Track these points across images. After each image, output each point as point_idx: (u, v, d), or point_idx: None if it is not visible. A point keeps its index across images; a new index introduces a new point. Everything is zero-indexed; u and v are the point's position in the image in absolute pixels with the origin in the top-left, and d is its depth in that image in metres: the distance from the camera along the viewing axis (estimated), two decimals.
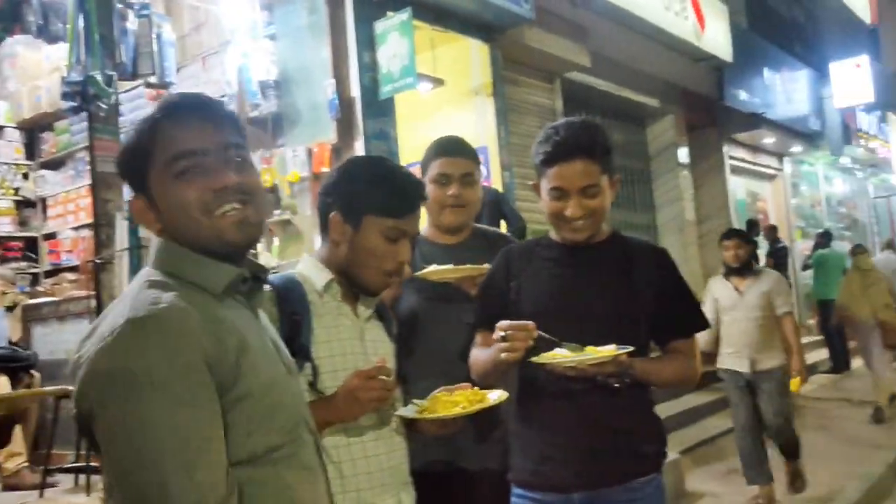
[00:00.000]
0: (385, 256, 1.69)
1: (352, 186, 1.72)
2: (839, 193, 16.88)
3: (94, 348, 1.09)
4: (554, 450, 1.92)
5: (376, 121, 5.35)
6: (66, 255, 6.92)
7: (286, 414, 1.24)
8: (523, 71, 7.27)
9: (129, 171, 1.28)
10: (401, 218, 1.69)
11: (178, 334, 1.10)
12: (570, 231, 1.94)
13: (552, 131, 1.91)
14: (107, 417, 1.07)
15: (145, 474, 1.05)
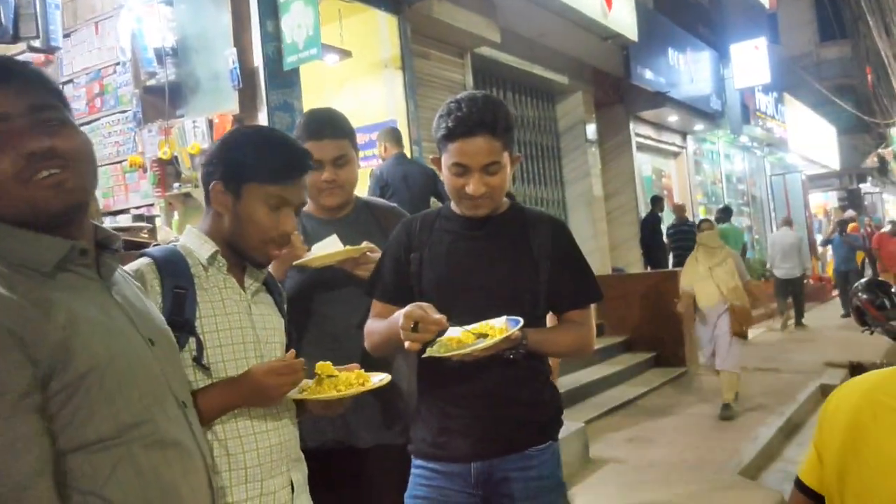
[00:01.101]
0: (268, 225, 1.64)
1: (232, 155, 1.67)
2: (739, 171, 17.58)
3: None
4: (453, 421, 1.93)
5: (280, 92, 5.21)
6: None
7: (140, 389, 1.17)
8: (433, 45, 7.23)
9: None
10: (282, 184, 1.65)
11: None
12: (470, 207, 1.93)
13: (454, 105, 1.88)
14: None
15: None
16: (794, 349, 9.80)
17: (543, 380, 2.02)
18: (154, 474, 1.15)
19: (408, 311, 1.77)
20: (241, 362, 1.60)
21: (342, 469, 2.20)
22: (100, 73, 5.77)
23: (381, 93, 6.63)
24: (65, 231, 1.18)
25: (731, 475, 4.78)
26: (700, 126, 13.71)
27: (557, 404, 2.04)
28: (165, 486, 1.17)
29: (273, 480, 1.61)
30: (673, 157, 14.06)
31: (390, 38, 6.54)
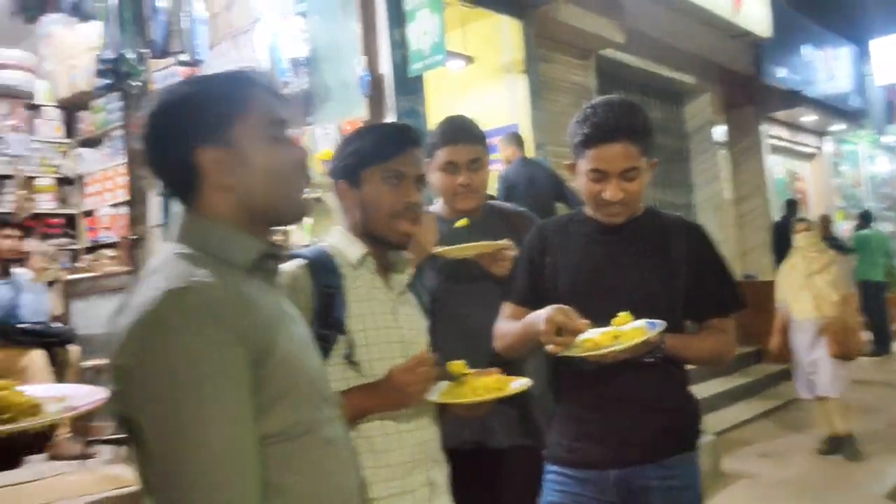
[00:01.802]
0: (390, 200, 1.70)
1: (345, 151, 1.76)
2: (884, 173, 16.46)
3: (131, 320, 1.08)
4: (590, 427, 1.91)
5: (406, 98, 5.32)
6: (103, 232, 7.04)
7: (311, 388, 1.23)
8: (556, 48, 7.18)
9: (209, 118, 1.22)
10: (392, 158, 1.71)
11: (215, 309, 1.09)
12: (607, 214, 1.92)
13: (591, 111, 1.87)
14: (141, 393, 1.06)
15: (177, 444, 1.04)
16: None
17: (682, 386, 1.98)
18: (322, 468, 1.21)
19: (550, 315, 1.74)
20: (388, 361, 1.64)
21: (478, 470, 2.22)
22: None
23: (503, 97, 6.65)
24: (263, 235, 1.28)
25: (875, 498, 4.47)
26: (839, 126, 12.94)
27: (697, 412, 1.99)
28: (331, 480, 1.22)
29: (413, 478, 1.65)
30: (808, 159, 13.34)
31: (513, 42, 6.55)
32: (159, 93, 1.28)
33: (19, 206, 6.83)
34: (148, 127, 1.23)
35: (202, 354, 1.06)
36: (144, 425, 1.05)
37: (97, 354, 4.93)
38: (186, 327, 1.06)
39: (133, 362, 1.06)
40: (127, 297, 1.16)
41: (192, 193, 1.24)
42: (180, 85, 1.28)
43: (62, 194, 7.41)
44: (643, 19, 7.74)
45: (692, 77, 9.39)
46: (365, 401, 1.58)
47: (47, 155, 7.30)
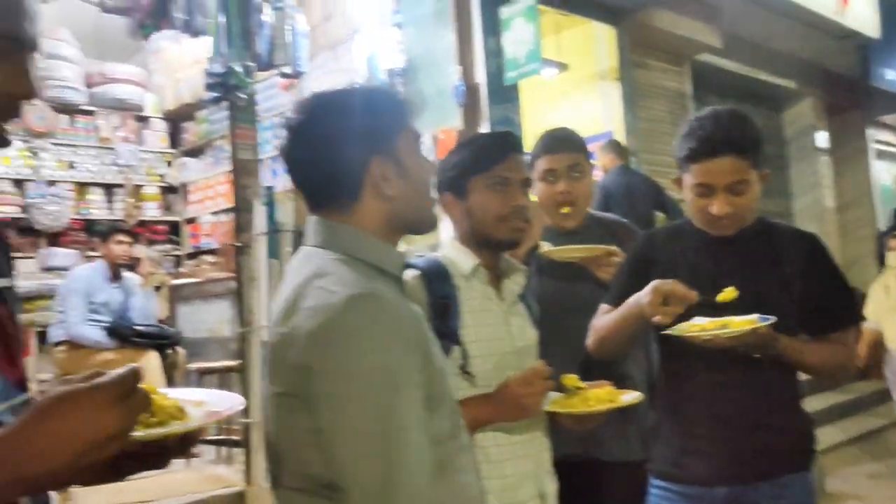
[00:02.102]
0: (497, 204, 1.71)
1: (447, 165, 1.79)
2: None
3: (314, 323, 1.10)
4: (696, 442, 1.86)
5: (501, 107, 5.33)
6: (205, 239, 7.33)
7: (451, 397, 1.27)
8: (651, 54, 7.05)
9: (385, 127, 1.28)
10: (494, 165, 1.72)
11: (396, 313, 1.13)
12: (716, 228, 1.87)
13: (696, 124, 1.83)
14: (333, 395, 1.08)
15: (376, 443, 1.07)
16: None
17: (795, 402, 1.91)
18: (462, 475, 1.23)
19: (656, 285, 1.72)
20: (502, 372, 1.65)
21: (584, 482, 2.20)
22: None
23: (597, 105, 6.58)
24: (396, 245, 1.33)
25: None
26: None
27: (811, 430, 1.92)
28: (469, 486, 1.25)
29: (524, 490, 1.66)
30: None
31: (608, 49, 6.48)
32: (325, 103, 1.30)
33: (128, 214, 7.19)
34: (318, 136, 1.26)
35: (395, 361, 1.09)
36: (338, 428, 1.07)
37: (201, 357, 5.12)
38: (377, 334, 1.09)
39: (326, 366, 1.08)
40: (284, 299, 1.19)
41: (345, 202, 1.26)
42: (348, 96, 1.31)
43: (166, 202, 7.76)
44: (741, 22, 7.51)
45: (793, 81, 9.05)
46: (480, 412, 1.59)
47: (153, 164, 7.67)
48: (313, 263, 1.22)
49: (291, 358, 1.11)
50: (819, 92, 9.56)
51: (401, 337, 1.12)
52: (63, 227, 6.75)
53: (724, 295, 1.73)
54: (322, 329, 1.09)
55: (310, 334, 1.10)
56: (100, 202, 7.22)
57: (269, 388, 1.18)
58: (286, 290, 1.22)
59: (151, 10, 4.10)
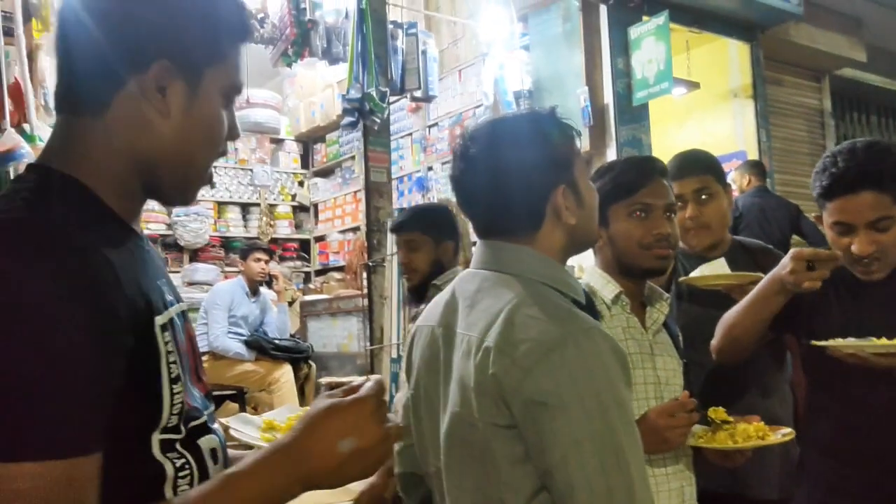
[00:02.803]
0: (639, 233, 1.67)
1: None
2: None
3: (530, 357, 1.12)
4: (845, 482, 1.76)
5: (629, 127, 5.27)
6: (333, 256, 7.58)
7: None
8: (787, 70, 6.79)
9: (566, 157, 1.29)
10: (638, 191, 1.68)
11: (610, 348, 1.16)
12: (862, 272, 1.75)
13: (830, 161, 1.72)
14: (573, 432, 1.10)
15: (615, 477, 1.10)
16: None
17: None
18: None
19: (794, 252, 1.68)
20: (643, 402, 1.62)
21: None
22: (461, 116, 6.33)
23: (729, 123, 6.39)
24: None
25: None
26: None
27: None
28: None
29: None
30: None
31: (741, 66, 6.29)
32: (502, 131, 1.31)
33: (262, 231, 7.54)
34: (497, 164, 1.26)
35: (620, 396, 1.13)
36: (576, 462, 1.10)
37: (329, 371, 5.29)
38: (605, 369, 1.13)
39: (564, 400, 1.11)
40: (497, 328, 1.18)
41: (525, 230, 1.27)
42: (525, 124, 1.31)
43: (297, 220, 8.09)
44: (887, 34, 7.11)
45: None
46: None
47: (286, 184, 8.02)
48: (511, 289, 1.21)
49: (513, 388, 1.13)
50: None
51: (617, 373, 1.15)
52: (203, 244, 7.16)
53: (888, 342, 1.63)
54: (556, 364, 1.11)
55: (538, 366, 1.11)
56: (236, 220, 7.62)
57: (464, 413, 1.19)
58: (479, 314, 1.22)
59: (295, 39, 4.31)
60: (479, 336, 1.19)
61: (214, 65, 0.92)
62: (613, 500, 1.09)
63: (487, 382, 1.15)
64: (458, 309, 1.28)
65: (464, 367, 1.20)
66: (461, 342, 1.23)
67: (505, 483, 1.16)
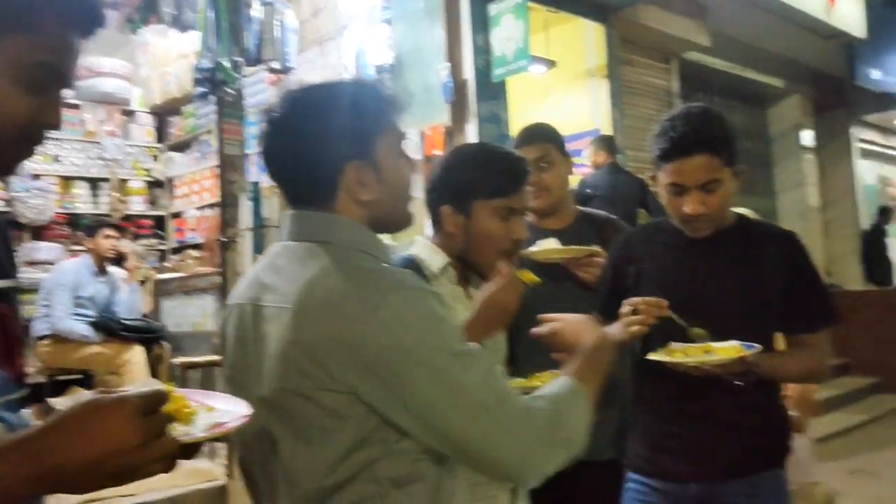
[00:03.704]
0: (500, 236, 1.71)
1: (457, 176, 1.75)
2: None
3: (360, 326, 1.08)
4: (671, 440, 1.88)
5: (488, 103, 5.34)
6: (190, 233, 7.29)
7: None
8: (639, 51, 7.08)
9: (360, 132, 1.23)
10: (509, 196, 1.71)
11: (436, 299, 1.16)
12: (691, 229, 1.88)
13: (669, 124, 1.83)
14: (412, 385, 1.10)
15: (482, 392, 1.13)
16: None
17: (772, 403, 1.93)
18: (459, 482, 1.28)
19: (627, 301, 1.78)
20: None
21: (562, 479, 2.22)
22: None
23: (585, 102, 6.60)
24: None
25: None
26: None
27: (786, 429, 1.94)
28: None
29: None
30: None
31: (596, 46, 6.50)
32: (305, 98, 1.27)
33: (113, 208, 7.14)
34: (295, 132, 1.23)
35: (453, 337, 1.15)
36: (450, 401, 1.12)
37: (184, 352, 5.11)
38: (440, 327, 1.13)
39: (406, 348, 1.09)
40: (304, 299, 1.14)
41: (323, 203, 1.25)
42: (328, 93, 1.27)
43: (152, 196, 7.71)
44: (729, 21, 7.55)
45: (780, 80, 9.12)
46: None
47: (139, 158, 7.61)
48: (320, 259, 1.18)
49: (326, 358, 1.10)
50: (805, 90, 9.64)
51: (450, 320, 1.17)
52: (47, 221, 6.69)
53: (696, 332, 1.76)
54: (375, 329, 1.09)
55: (359, 338, 1.09)
56: (85, 196, 7.16)
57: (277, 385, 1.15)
58: (288, 284, 1.18)
59: (140, 4, 4.08)
60: (288, 305, 1.15)
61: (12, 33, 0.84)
62: (490, 411, 1.12)
63: (299, 349, 1.12)
64: (266, 282, 1.24)
65: (275, 338, 1.16)
66: (270, 314, 1.20)
67: (317, 448, 1.14)
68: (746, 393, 1.81)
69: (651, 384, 1.94)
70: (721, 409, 1.83)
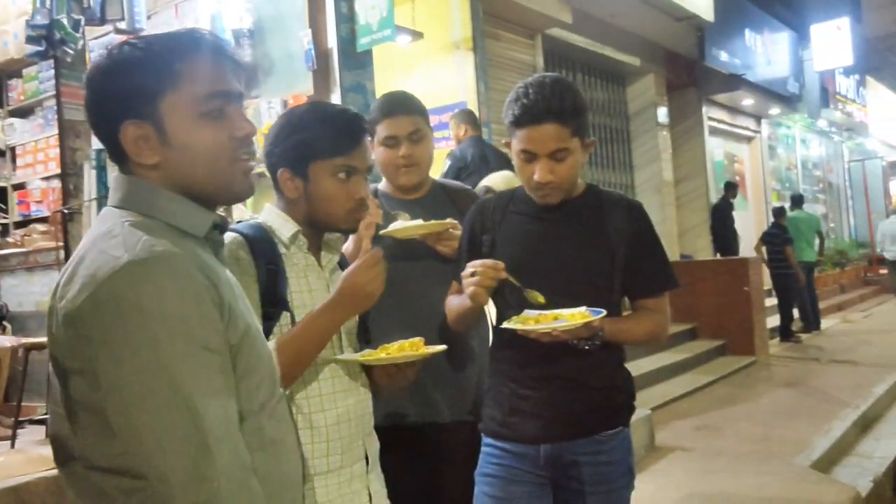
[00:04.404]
0: (342, 197, 1.68)
1: (292, 139, 1.68)
2: (815, 157, 17.01)
3: (86, 290, 1.01)
4: (523, 403, 1.93)
5: (353, 73, 5.25)
6: (35, 206, 6.79)
7: (265, 363, 1.21)
8: (504, 26, 7.18)
9: (133, 91, 1.14)
10: (346, 154, 1.67)
11: (186, 277, 1.05)
12: (540, 196, 1.92)
13: (522, 91, 1.85)
14: (108, 352, 1.01)
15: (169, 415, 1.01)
16: (873, 341, 9.46)
17: (616, 365, 2.01)
18: (278, 446, 1.20)
19: (469, 263, 1.83)
20: None
21: (421, 444, 2.25)
22: None
23: (451, 74, 6.62)
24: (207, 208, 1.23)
25: (801, 468, 4.66)
26: (776, 110, 13.29)
27: (630, 389, 2.03)
28: (286, 458, 1.22)
29: (351, 453, 1.66)
30: (746, 142, 13.67)
31: (462, 19, 6.52)
32: (99, 57, 1.19)
33: None
34: (85, 94, 1.18)
35: (180, 329, 1.02)
36: (129, 408, 1.01)
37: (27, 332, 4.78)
38: (159, 294, 1.02)
39: (107, 337, 1.01)
40: (67, 269, 1.09)
41: (121, 164, 1.19)
42: (119, 49, 1.17)
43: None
44: (590, 0, 7.78)
45: (637, 58, 9.50)
46: (323, 313, 1.57)
47: None
48: (105, 225, 1.12)
49: (68, 330, 1.04)
50: (660, 70, 10.10)
51: (188, 304, 1.04)
52: None
53: (531, 294, 1.81)
54: (98, 299, 1.01)
55: (86, 305, 1.01)
56: None
57: (51, 364, 1.10)
58: (72, 256, 1.12)
59: None
60: (60, 280, 1.10)
61: None
62: (169, 443, 1.01)
63: (58, 326, 1.07)
64: None
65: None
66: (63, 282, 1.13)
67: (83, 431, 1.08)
68: (593, 355, 1.88)
69: (505, 351, 1.98)
70: (569, 372, 1.90)
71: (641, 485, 4.24)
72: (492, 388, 2.04)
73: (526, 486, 1.94)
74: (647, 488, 4.28)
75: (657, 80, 10.04)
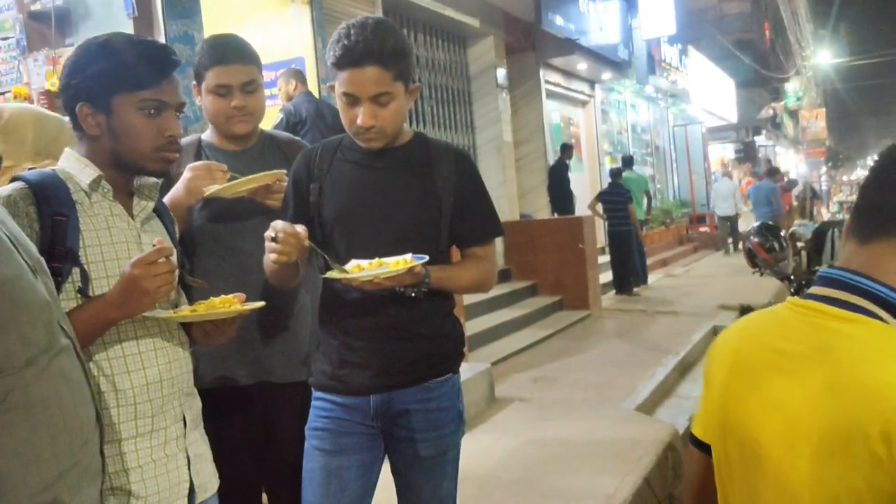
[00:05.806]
0: (151, 133, 1.56)
1: (91, 70, 1.54)
2: (644, 121, 18.00)
3: None
4: (352, 354, 1.91)
5: (179, 22, 4.94)
6: None
7: (31, 318, 1.09)
8: None
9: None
10: (153, 87, 1.55)
11: None
12: (363, 140, 1.88)
13: (344, 32, 1.79)
14: None
15: None
16: (693, 293, 10.23)
17: (445, 313, 2.01)
18: (43, 407, 1.08)
19: (272, 224, 1.73)
20: None
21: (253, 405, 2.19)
22: None
23: (287, 29, 6.39)
24: None
25: (628, 411, 4.98)
26: (608, 75, 13.89)
27: (459, 337, 2.05)
28: (62, 413, 1.11)
29: (164, 416, 1.56)
30: (581, 106, 14.23)
31: None
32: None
33: None
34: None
35: None
36: None
37: None
38: None
39: None
40: None
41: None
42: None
43: None
44: None
45: (476, 20, 9.58)
46: (95, 308, 1.44)
47: None
48: None
49: None
50: (499, 32, 10.25)
51: None
52: None
53: (335, 268, 1.77)
54: None
55: None
56: None
57: None
58: None
59: None
60: None
61: None
62: None
63: None
64: None
65: None
66: None
67: None
68: (421, 304, 1.87)
69: (333, 302, 1.94)
70: (398, 321, 1.88)
71: (482, 435, 4.43)
72: (322, 340, 1.99)
73: (356, 437, 1.92)
74: (487, 437, 4.42)
75: (496, 42, 10.19)
